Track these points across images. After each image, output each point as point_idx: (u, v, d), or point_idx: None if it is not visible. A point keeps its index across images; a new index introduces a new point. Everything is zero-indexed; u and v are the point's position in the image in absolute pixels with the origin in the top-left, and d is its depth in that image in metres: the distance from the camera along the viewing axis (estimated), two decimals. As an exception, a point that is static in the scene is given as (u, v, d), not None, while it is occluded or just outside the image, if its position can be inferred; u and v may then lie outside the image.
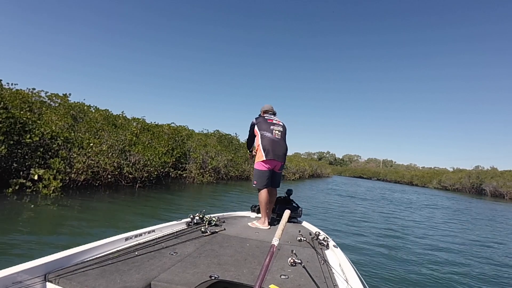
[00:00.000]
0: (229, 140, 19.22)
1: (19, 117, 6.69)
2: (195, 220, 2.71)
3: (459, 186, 39.85)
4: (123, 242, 1.97)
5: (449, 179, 42.73)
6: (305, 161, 36.35)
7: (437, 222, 9.49)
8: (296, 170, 27.37)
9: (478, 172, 39.93)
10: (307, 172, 31.66)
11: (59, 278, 1.41)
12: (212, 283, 1.56)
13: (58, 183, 6.20)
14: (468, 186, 38.06)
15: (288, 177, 25.22)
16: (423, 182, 49.41)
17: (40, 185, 6.03)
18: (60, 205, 5.71)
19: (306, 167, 31.44)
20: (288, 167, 25.99)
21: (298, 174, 27.88)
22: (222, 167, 14.82)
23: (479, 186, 36.47)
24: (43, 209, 5.36)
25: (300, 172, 28.76)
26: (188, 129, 16.83)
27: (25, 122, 6.79)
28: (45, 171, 6.19)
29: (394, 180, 57.90)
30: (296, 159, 35.27)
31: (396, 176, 58.93)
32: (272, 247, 1.39)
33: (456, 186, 40.35)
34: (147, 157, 9.01)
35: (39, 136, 6.70)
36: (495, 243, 6.96)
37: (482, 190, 35.79)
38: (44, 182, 6.08)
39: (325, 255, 2.19)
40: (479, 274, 4.39)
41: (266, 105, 3.43)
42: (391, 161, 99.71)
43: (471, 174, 39.48)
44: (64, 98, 11.37)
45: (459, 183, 39.78)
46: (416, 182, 51.46)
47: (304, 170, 30.50)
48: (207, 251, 2.03)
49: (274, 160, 3.08)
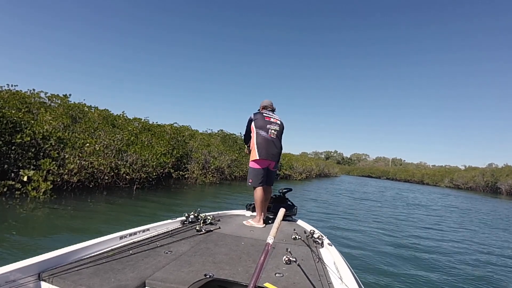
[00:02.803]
0: (233, 139, 18.84)
1: (10, 117, 6.46)
2: (190, 218, 2.71)
3: (472, 185, 38.69)
4: (117, 240, 1.96)
5: (462, 177, 41.62)
6: (312, 161, 35.77)
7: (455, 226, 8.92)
8: (303, 170, 26.91)
9: (492, 170, 38.61)
10: (314, 171, 31.16)
11: (53, 277, 1.40)
12: (207, 282, 1.51)
13: (49, 185, 5.91)
14: (482, 184, 36.92)
15: (295, 176, 24.75)
16: (434, 181, 48.30)
17: (29, 187, 5.75)
18: (49, 209, 5.40)
19: (313, 167, 30.94)
20: (294, 166, 25.57)
21: (305, 173, 27.41)
22: (225, 167, 14.47)
23: (494, 184, 35.28)
24: (30, 213, 5.05)
25: (307, 171, 28.29)
26: (191, 129, 16.57)
27: (16, 122, 6.56)
28: (34, 172, 5.90)
29: (404, 179, 56.86)
30: (303, 158, 34.73)
31: (406, 175, 57.82)
32: (267, 246, 1.37)
33: (470, 184, 39.19)
34: (144, 157, 8.70)
35: (30, 136, 6.45)
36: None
37: (497, 188, 34.61)
38: (33, 184, 5.80)
39: (319, 253, 2.19)
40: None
41: (266, 101, 3.41)
42: (400, 160, 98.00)
43: (485, 172, 38.30)
44: (64, 99, 11.22)
45: (473, 181, 38.63)
46: (427, 181, 50.35)
47: (311, 169, 30.01)
48: (202, 250, 2.02)
49: (268, 160, 3.11)
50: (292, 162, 25.90)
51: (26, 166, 6.27)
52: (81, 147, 7.23)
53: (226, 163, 14.38)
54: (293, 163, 25.74)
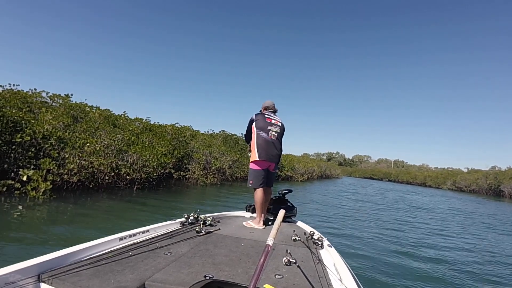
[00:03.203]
0: (235, 140, 18.79)
1: (10, 116, 6.43)
2: (190, 220, 2.69)
3: (475, 187, 38.41)
4: (117, 242, 1.95)
5: (465, 180, 41.34)
6: (313, 162, 35.61)
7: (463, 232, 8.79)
8: (305, 171, 26.79)
9: (495, 173, 38.34)
10: (315, 173, 31.02)
11: (53, 278, 1.39)
12: (207, 283, 1.52)
13: (48, 185, 5.87)
14: (485, 187, 36.64)
15: (296, 178, 24.64)
16: (437, 183, 48.00)
17: (29, 186, 5.71)
18: (48, 209, 5.35)
19: (314, 168, 30.80)
20: (296, 168, 25.46)
21: (307, 175, 27.30)
22: (227, 168, 14.41)
23: (497, 187, 34.99)
24: (28, 213, 5.01)
25: (309, 173, 28.16)
26: (193, 129, 16.54)
27: (16, 121, 6.53)
28: (34, 171, 5.86)
29: (406, 181, 56.55)
30: (305, 159, 34.56)
31: (408, 177, 57.50)
32: (266, 247, 1.36)
33: (472, 187, 38.91)
34: (145, 158, 8.65)
35: (30, 135, 6.41)
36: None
37: (500, 191, 34.30)
38: (33, 184, 5.75)
39: (319, 254, 2.18)
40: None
41: (268, 101, 3.42)
42: (402, 162, 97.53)
43: (488, 174, 38.03)
44: (66, 99, 11.23)
45: (476, 184, 38.36)
46: (429, 183, 50.05)
47: (313, 171, 29.88)
48: (201, 251, 2.01)
49: (267, 161, 3.13)
50: (294, 163, 25.80)
51: (26, 165, 6.24)
52: (81, 147, 7.19)
53: (227, 163, 14.32)
54: (294, 164, 25.64)
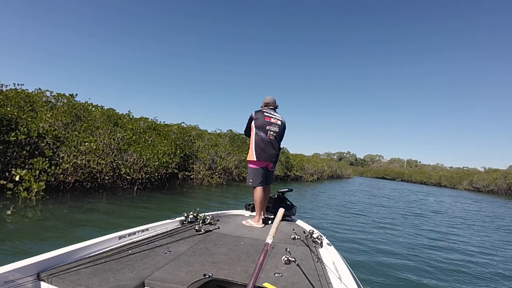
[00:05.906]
0: (242, 140, 18.42)
1: (5, 114, 6.20)
2: (189, 218, 2.69)
3: (494, 188, 36.78)
4: (116, 240, 1.96)
5: (482, 179, 39.67)
6: (323, 162, 34.87)
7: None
8: (314, 171, 26.18)
9: (515, 172, 36.67)
10: (326, 173, 30.36)
11: (52, 277, 1.39)
12: (206, 282, 1.47)
13: (41, 185, 5.59)
14: (505, 187, 35.01)
15: (306, 178, 24.07)
16: (452, 183, 46.36)
17: (20, 187, 5.44)
18: (41, 211, 5.06)
19: (325, 168, 30.13)
20: (305, 168, 24.89)
21: (317, 175, 26.67)
22: (233, 168, 14.02)
23: (517, 187, 33.43)
24: (16, 216, 4.71)
25: (319, 173, 27.53)
26: (199, 128, 16.24)
27: (11, 119, 6.30)
28: (26, 171, 5.59)
29: (420, 181, 54.96)
30: (315, 159, 33.86)
31: (422, 177, 55.86)
32: (266, 246, 1.35)
33: (491, 187, 37.28)
34: (145, 157, 8.33)
35: (25, 133, 6.17)
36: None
37: (520, 191, 32.77)
38: (25, 184, 5.48)
39: (319, 253, 2.18)
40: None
41: (268, 97, 3.32)
42: (415, 161, 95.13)
43: (507, 174, 36.34)
44: (70, 98, 11.11)
45: (494, 184, 36.73)
46: (444, 183, 48.41)
47: (323, 170, 29.24)
48: (201, 250, 2.01)
49: (265, 161, 3.12)
50: (303, 163, 25.23)
51: (20, 165, 5.99)
52: (77, 146, 6.91)
53: (233, 163, 13.92)
54: (304, 164, 25.07)
